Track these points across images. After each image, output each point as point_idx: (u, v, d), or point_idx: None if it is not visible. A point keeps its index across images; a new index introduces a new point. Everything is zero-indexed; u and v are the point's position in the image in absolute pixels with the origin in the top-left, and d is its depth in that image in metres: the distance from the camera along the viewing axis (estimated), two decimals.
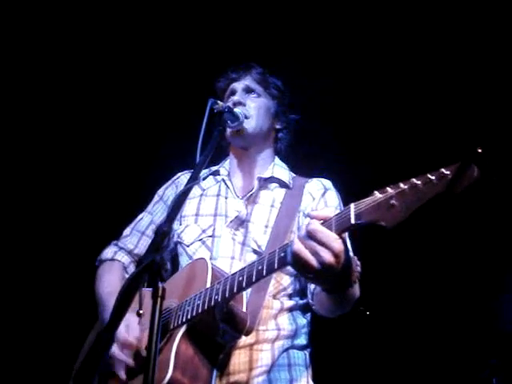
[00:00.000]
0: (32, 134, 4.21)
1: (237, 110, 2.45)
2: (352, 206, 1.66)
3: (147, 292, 1.63)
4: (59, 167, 4.26)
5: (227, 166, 2.65)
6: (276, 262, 1.81)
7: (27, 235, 4.25)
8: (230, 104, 2.49)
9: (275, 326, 2.28)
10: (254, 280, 1.88)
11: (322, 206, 2.41)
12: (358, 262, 1.82)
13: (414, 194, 1.53)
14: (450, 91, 3.74)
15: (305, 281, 2.32)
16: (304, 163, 2.78)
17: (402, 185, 1.57)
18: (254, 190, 2.49)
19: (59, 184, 4.26)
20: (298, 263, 1.71)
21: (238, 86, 2.61)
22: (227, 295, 1.95)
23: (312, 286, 2.26)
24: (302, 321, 2.37)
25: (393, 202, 1.56)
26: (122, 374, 2.09)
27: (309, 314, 2.41)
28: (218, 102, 2.39)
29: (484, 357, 3.80)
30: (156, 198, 2.67)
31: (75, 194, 4.26)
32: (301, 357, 2.31)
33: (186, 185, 1.98)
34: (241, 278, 1.92)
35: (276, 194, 2.50)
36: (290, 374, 2.24)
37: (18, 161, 4.22)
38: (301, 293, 2.37)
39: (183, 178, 2.66)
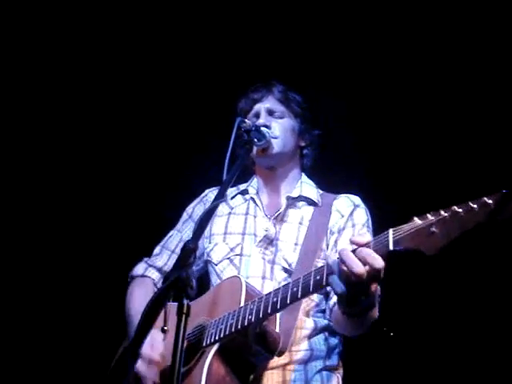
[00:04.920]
0: (58, 144, 4.24)
1: (263, 128, 2.46)
2: (391, 231, 1.65)
3: (173, 308, 1.63)
4: (90, 184, 4.29)
5: (255, 184, 2.66)
6: (312, 284, 1.81)
7: (63, 249, 4.30)
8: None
9: (308, 347, 2.28)
10: (288, 302, 1.88)
11: (351, 224, 2.41)
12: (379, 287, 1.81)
13: (455, 221, 1.52)
14: (495, 114, 3.68)
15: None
16: (331, 179, 2.77)
17: (442, 212, 1.56)
18: (282, 209, 2.49)
19: (92, 201, 4.30)
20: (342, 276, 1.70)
21: (261, 107, 2.61)
22: (261, 316, 1.95)
23: (331, 303, 2.25)
24: (334, 341, 2.36)
25: (433, 229, 1.56)
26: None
27: (341, 334, 2.39)
28: (246, 120, 2.41)
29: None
30: (185, 216, 2.70)
31: (108, 211, 4.28)
32: (333, 379, 2.30)
33: (213, 202, 1.99)
34: (275, 299, 1.92)
35: (304, 211, 2.50)
36: None
37: (51, 176, 4.26)
38: None
39: (211, 194, 2.67)
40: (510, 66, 3.54)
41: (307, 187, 2.59)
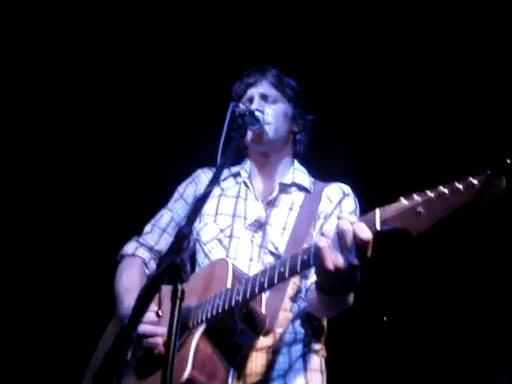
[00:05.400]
0: (44, 127, 4.24)
1: (258, 113, 2.46)
2: (377, 211, 1.66)
3: (167, 292, 1.64)
4: (82, 162, 4.29)
5: (248, 168, 2.67)
6: (299, 264, 1.82)
7: (46, 229, 4.30)
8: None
9: (292, 330, 2.30)
10: (275, 282, 1.88)
11: (338, 211, 2.42)
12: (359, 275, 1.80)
13: (441, 202, 1.54)
14: (482, 98, 3.70)
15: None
16: (323, 167, 2.78)
17: (429, 192, 1.57)
18: (274, 194, 2.51)
19: (82, 179, 4.30)
20: (321, 260, 1.70)
21: (255, 92, 2.61)
22: (248, 296, 1.96)
23: (308, 282, 2.26)
24: (318, 325, 2.38)
25: (419, 209, 1.57)
26: (161, 347, 2.08)
27: (325, 318, 2.41)
28: (240, 104, 2.43)
29: (493, 376, 3.78)
30: (176, 195, 2.70)
31: (96, 189, 4.29)
32: (317, 362, 2.32)
33: (207, 187, 2.00)
34: (262, 279, 1.93)
35: (295, 197, 2.52)
36: (305, 378, 2.26)
37: (33, 153, 4.26)
38: None
39: (203, 175, 2.68)
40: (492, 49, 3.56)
41: (300, 174, 2.61)
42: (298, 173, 2.61)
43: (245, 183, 2.60)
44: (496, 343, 3.91)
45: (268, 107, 2.56)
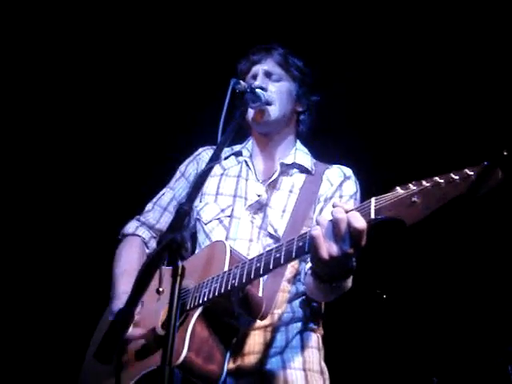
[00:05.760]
0: (40, 121, 4.25)
1: (258, 90, 2.44)
2: (373, 200, 1.66)
3: (167, 270, 1.65)
4: (80, 143, 4.30)
5: (249, 147, 2.66)
6: (294, 251, 1.82)
7: (44, 216, 4.32)
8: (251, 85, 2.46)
9: (289, 310, 2.32)
10: (271, 267, 1.89)
11: (339, 194, 2.42)
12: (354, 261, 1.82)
13: (436, 192, 1.53)
14: (480, 90, 3.67)
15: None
16: (325, 149, 2.76)
17: (424, 182, 1.57)
18: (275, 176, 2.50)
19: (90, 160, 4.31)
20: (315, 248, 1.71)
21: (259, 69, 2.59)
22: (244, 280, 1.96)
23: (307, 266, 2.26)
24: (315, 305, 2.39)
25: (414, 199, 1.56)
26: (137, 352, 2.13)
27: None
28: (241, 81, 2.40)
29: (500, 344, 3.79)
30: (178, 174, 2.70)
31: (100, 170, 4.30)
32: (314, 339, 2.34)
33: (208, 164, 1.99)
34: (258, 265, 1.93)
35: (295, 179, 2.51)
36: (302, 355, 2.27)
37: (30, 145, 4.27)
38: None
39: (204, 154, 2.68)
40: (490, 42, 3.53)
41: (301, 154, 2.59)
42: (299, 153, 2.59)
43: (246, 163, 2.59)
44: (503, 329, 3.93)
45: (271, 84, 2.54)
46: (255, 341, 2.22)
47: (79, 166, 4.31)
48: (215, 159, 2.00)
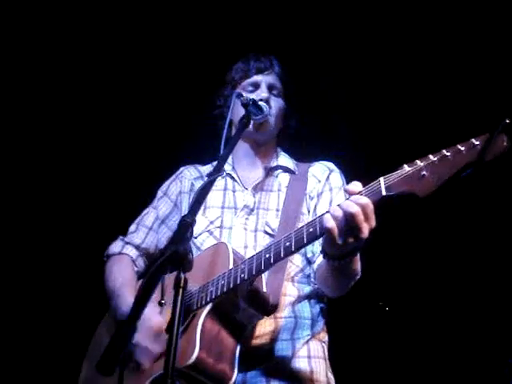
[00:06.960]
0: (33, 128, 4.19)
1: (261, 103, 2.45)
2: (382, 179, 1.70)
3: (169, 280, 1.64)
4: (65, 164, 4.23)
5: (230, 160, 2.64)
6: (305, 236, 1.85)
7: (28, 232, 4.25)
8: (254, 97, 2.45)
9: (292, 314, 2.30)
10: (282, 256, 1.90)
11: (328, 188, 2.46)
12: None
13: (444, 164, 1.58)
14: (479, 62, 3.74)
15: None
16: (304, 153, 2.80)
17: (431, 156, 1.62)
18: (260, 179, 2.53)
19: (66, 181, 4.25)
20: (331, 240, 1.76)
21: (263, 80, 2.61)
22: (254, 272, 1.97)
23: (315, 266, 2.29)
24: (318, 309, 2.39)
25: (423, 172, 1.61)
26: (146, 362, 2.11)
27: (325, 302, 2.43)
28: (243, 94, 2.41)
29: (503, 355, 3.80)
30: (160, 193, 2.68)
31: (80, 191, 4.23)
32: (320, 349, 2.32)
33: (211, 176, 1.98)
34: (268, 255, 1.94)
35: (281, 179, 2.55)
36: (309, 365, 2.25)
37: (23, 155, 4.20)
38: None
39: (187, 172, 2.68)
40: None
41: (284, 158, 2.65)
42: (282, 157, 2.65)
43: (230, 175, 2.59)
44: (506, 341, 3.93)
45: (273, 99, 2.58)
46: (261, 352, 2.20)
47: (62, 187, 4.26)
48: (218, 171, 2.01)
